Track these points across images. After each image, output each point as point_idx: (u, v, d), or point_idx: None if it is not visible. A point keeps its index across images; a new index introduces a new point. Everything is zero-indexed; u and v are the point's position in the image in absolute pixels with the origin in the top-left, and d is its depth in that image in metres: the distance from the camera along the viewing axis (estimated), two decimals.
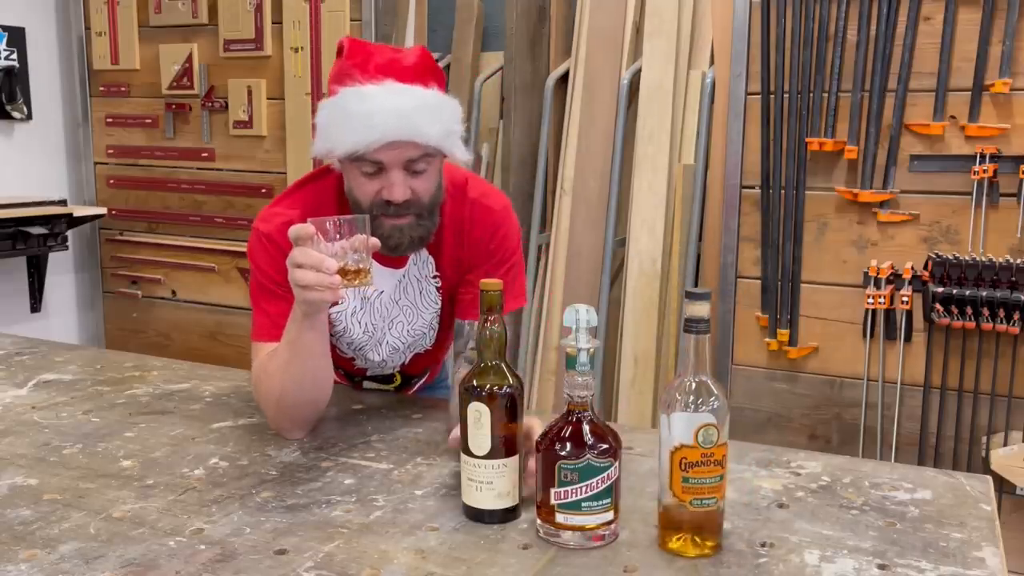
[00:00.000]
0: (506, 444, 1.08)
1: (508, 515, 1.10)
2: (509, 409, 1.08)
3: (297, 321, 1.27)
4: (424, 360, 1.63)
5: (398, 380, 1.67)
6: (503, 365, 1.09)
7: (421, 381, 1.73)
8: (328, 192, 1.46)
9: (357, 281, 1.20)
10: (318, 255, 1.16)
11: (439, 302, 1.53)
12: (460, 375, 1.40)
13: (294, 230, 1.19)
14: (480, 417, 1.07)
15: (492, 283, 1.10)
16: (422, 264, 1.50)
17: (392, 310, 1.51)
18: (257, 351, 1.41)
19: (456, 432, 1.13)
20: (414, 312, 1.53)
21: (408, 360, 1.60)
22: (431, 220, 1.39)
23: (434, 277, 1.51)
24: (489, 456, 1.07)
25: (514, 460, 1.09)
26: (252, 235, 1.44)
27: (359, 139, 1.29)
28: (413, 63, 1.34)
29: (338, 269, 1.17)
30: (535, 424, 1.13)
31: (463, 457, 1.10)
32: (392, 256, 1.43)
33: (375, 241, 1.21)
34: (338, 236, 1.18)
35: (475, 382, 1.08)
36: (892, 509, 1.13)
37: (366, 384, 1.67)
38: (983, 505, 1.15)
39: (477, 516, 1.10)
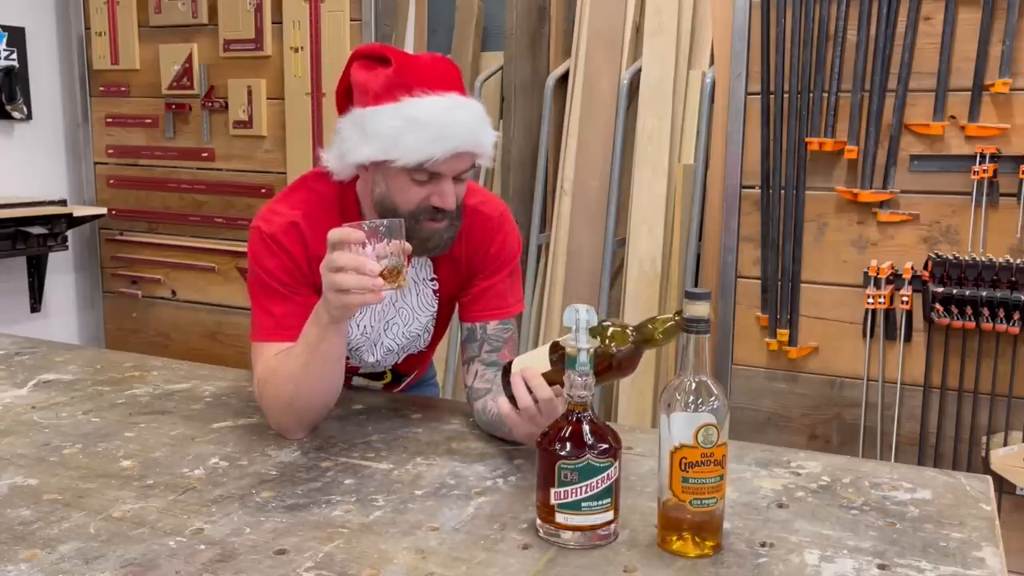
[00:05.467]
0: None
1: None
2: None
3: (322, 326, 1.27)
4: (416, 360, 1.64)
5: (388, 378, 1.68)
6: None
7: (409, 379, 1.74)
8: (328, 197, 1.46)
9: (395, 284, 1.21)
10: (360, 258, 1.17)
11: (435, 305, 1.54)
12: (480, 380, 1.43)
13: (335, 233, 1.18)
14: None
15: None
16: (420, 267, 1.50)
17: (389, 312, 1.52)
18: (260, 351, 1.39)
19: (504, 401, 1.19)
20: (411, 315, 1.53)
21: (401, 360, 1.61)
22: (459, 221, 1.43)
23: (431, 280, 1.52)
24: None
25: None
26: (253, 234, 1.43)
27: (433, 148, 1.30)
28: (456, 74, 1.37)
29: (379, 272, 1.18)
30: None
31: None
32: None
33: (408, 246, 1.23)
34: (374, 239, 1.19)
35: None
36: (892, 509, 1.13)
37: (355, 380, 1.67)
38: (983, 505, 1.15)
39: None
